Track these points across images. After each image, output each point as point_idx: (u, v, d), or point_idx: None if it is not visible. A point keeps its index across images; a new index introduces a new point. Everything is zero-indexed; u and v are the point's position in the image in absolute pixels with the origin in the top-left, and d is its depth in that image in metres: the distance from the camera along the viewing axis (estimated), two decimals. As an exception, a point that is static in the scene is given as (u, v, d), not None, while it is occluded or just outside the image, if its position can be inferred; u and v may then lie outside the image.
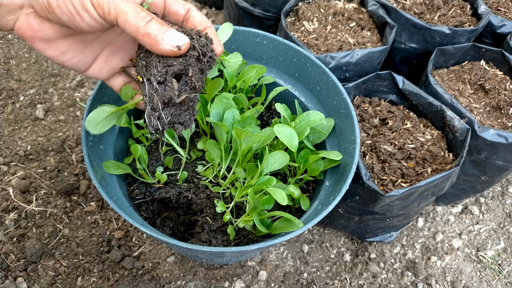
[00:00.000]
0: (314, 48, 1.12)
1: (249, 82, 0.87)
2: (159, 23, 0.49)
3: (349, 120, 0.83)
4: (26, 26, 0.51)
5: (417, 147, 1.00)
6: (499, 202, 1.41)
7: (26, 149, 1.27)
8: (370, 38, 1.17)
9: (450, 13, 1.28)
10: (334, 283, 1.16)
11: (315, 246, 1.22)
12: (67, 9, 0.48)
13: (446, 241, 1.29)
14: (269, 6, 1.33)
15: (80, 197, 1.18)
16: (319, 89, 0.92)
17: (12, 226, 1.10)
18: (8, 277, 1.01)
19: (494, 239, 1.32)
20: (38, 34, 0.52)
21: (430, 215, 1.35)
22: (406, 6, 1.30)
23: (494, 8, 1.38)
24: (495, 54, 1.17)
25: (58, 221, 1.13)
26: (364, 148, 1.02)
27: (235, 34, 0.92)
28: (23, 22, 0.50)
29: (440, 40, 1.18)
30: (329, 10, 1.24)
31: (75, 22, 0.49)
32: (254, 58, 0.96)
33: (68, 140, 1.31)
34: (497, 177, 1.16)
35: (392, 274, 1.20)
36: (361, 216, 1.05)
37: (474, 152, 1.05)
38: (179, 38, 0.50)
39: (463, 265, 1.24)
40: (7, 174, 1.20)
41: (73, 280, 1.04)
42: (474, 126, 0.99)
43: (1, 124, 1.32)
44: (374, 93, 1.12)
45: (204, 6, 1.90)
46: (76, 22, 0.49)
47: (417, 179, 0.95)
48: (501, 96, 1.10)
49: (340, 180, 0.78)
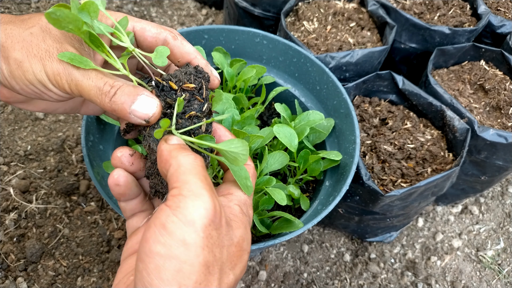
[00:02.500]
0: (314, 48, 1.12)
1: (249, 82, 0.87)
2: (126, 94, 0.43)
3: (349, 120, 0.83)
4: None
5: (417, 147, 1.00)
6: (499, 202, 1.41)
7: (26, 149, 1.27)
8: (370, 38, 1.17)
9: (450, 13, 1.28)
10: (334, 283, 1.16)
11: (315, 246, 1.22)
12: (32, 90, 0.44)
13: (446, 241, 1.29)
14: (269, 6, 1.33)
15: (80, 197, 1.18)
16: (319, 89, 0.92)
17: (12, 226, 1.10)
18: (8, 277, 1.01)
19: (494, 239, 1.32)
20: (12, 100, 0.49)
21: (430, 215, 1.35)
22: (406, 6, 1.30)
23: (494, 8, 1.38)
24: (495, 54, 1.17)
25: (58, 221, 1.13)
26: (364, 148, 1.02)
27: (235, 34, 0.92)
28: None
29: (440, 40, 1.18)
30: (329, 10, 1.24)
31: (44, 98, 0.46)
32: (254, 58, 0.96)
33: (68, 140, 1.31)
34: (497, 177, 1.16)
35: (392, 274, 1.20)
36: (361, 216, 1.05)
37: (474, 152, 1.05)
38: (147, 109, 0.44)
39: (463, 265, 1.24)
40: (7, 174, 1.20)
41: (73, 280, 1.04)
42: (474, 126, 0.99)
43: (1, 124, 1.32)
44: (374, 93, 1.12)
45: (204, 6, 1.90)
46: (45, 98, 0.46)
47: (417, 179, 0.95)
48: (501, 96, 1.10)
49: (340, 180, 0.78)
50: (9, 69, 0.43)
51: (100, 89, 0.43)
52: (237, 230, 0.41)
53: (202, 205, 0.35)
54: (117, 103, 0.43)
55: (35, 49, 0.43)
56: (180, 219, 0.35)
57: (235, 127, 0.74)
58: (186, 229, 0.34)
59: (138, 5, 1.83)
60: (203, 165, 0.40)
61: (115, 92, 0.43)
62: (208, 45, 0.92)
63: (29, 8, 1.65)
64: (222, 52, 0.91)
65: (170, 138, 0.43)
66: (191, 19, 1.83)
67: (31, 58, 0.42)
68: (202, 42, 0.91)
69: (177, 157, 0.39)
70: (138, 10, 1.79)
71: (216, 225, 0.36)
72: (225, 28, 0.90)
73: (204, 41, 0.91)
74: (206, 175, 0.39)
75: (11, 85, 0.44)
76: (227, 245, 0.38)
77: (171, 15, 1.84)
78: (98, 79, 0.43)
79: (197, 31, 0.89)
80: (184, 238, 0.34)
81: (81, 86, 0.43)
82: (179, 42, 0.50)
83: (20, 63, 0.42)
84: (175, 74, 0.47)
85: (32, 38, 0.43)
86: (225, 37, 0.92)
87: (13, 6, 1.63)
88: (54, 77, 0.43)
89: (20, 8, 1.63)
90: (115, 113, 0.44)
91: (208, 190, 0.37)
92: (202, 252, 0.35)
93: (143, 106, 0.44)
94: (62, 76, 0.43)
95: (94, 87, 0.43)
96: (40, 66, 0.42)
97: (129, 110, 0.43)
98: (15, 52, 0.42)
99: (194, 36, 0.89)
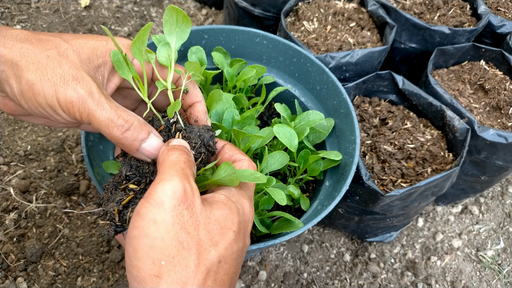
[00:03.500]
0: (314, 48, 1.12)
1: (249, 82, 0.87)
2: (137, 131, 0.45)
3: (349, 120, 0.83)
4: (3, 106, 0.49)
5: (417, 147, 1.00)
6: (499, 202, 1.41)
7: (26, 149, 1.27)
8: (370, 38, 1.17)
9: (450, 13, 1.28)
10: (334, 283, 1.16)
11: (315, 246, 1.22)
12: (40, 112, 0.45)
13: (446, 241, 1.29)
14: (269, 6, 1.33)
15: (80, 197, 1.18)
16: (319, 89, 0.92)
17: (12, 226, 1.10)
18: (8, 277, 1.01)
19: (494, 239, 1.32)
20: (17, 113, 0.50)
21: (430, 215, 1.35)
22: (406, 6, 1.30)
23: (494, 8, 1.38)
24: (495, 54, 1.17)
25: (58, 221, 1.13)
26: (364, 148, 1.02)
27: (235, 34, 0.92)
28: (0, 101, 0.48)
29: (440, 40, 1.18)
30: (329, 10, 1.24)
31: (50, 120, 0.47)
32: (254, 58, 0.96)
33: (68, 140, 1.31)
34: (497, 177, 1.16)
35: (392, 274, 1.20)
36: (361, 216, 1.05)
37: (474, 152, 1.05)
38: (155, 149, 0.47)
39: (463, 265, 1.24)
40: (7, 174, 1.20)
41: (73, 280, 1.04)
42: (474, 126, 0.99)
43: (1, 124, 1.32)
44: (374, 93, 1.12)
45: (204, 6, 1.90)
46: (51, 120, 0.47)
47: (417, 179, 0.95)
48: (501, 96, 1.10)
49: (340, 180, 0.78)
50: (20, 88, 0.43)
51: (113, 122, 0.44)
52: (217, 211, 0.42)
53: (170, 188, 0.37)
54: (129, 139, 0.45)
55: (50, 74, 0.43)
56: (150, 204, 0.37)
57: (235, 127, 0.74)
58: (156, 210, 0.37)
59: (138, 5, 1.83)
60: (185, 161, 0.42)
61: (128, 128, 0.45)
62: (208, 45, 0.92)
63: (29, 8, 1.65)
64: (222, 52, 0.91)
65: (172, 140, 0.46)
66: (191, 19, 1.83)
67: (45, 82, 0.42)
68: (202, 42, 0.91)
69: (165, 155, 0.43)
70: (138, 10, 1.79)
71: (187, 205, 0.38)
72: (225, 28, 0.90)
73: (204, 41, 0.91)
74: (184, 167, 0.41)
75: (19, 103, 0.45)
76: (203, 223, 0.39)
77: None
78: (112, 112, 0.44)
79: (197, 31, 0.89)
80: (154, 217, 0.36)
81: (93, 115, 0.43)
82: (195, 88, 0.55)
83: (32, 85, 0.42)
84: (190, 131, 0.51)
85: (48, 61, 0.43)
86: (225, 37, 0.92)
87: (13, 6, 1.63)
88: (66, 104, 0.43)
89: (20, 8, 1.63)
90: (122, 146, 0.46)
91: (179, 176, 0.39)
92: (172, 228, 0.36)
93: (152, 146, 0.47)
94: (74, 104, 0.43)
95: (106, 118, 0.44)
96: (52, 91, 0.42)
97: (138, 147, 0.46)
98: (29, 73, 0.42)
99: (194, 36, 0.89)
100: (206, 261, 0.38)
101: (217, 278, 0.39)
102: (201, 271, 0.37)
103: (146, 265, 0.35)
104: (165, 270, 0.35)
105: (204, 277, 0.37)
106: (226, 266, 0.40)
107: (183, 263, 0.36)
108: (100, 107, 0.43)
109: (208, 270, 0.38)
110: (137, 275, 0.36)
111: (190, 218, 0.38)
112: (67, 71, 0.43)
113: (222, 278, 0.40)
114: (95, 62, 0.47)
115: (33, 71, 0.42)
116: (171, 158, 0.42)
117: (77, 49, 0.46)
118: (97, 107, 0.43)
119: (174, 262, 0.36)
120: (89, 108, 0.43)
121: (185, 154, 0.44)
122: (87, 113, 0.43)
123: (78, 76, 0.43)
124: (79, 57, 0.45)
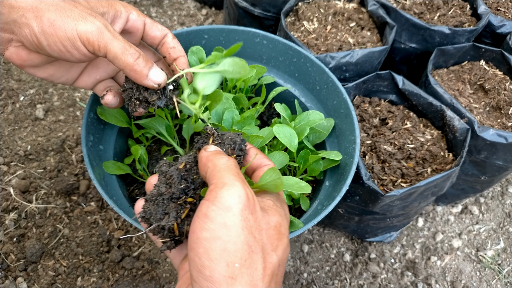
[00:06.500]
0: (314, 48, 1.12)
1: (249, 82, 0.87)
2: (145, 60, 0.54)
3: (349, 120, 0.83)
4: (15, 56, 0.54)
5: (417, 147, 1.00)
6: (499, 202, 1.41)
7: (26, 149, 1.27)
8: (370, 38, 1.17)
9: (450, 13, 1.28)
10: (334, 283, 1.16)
11: (315, 246, 1.22)
12: (57, 47, 0.50)
13: (446, 241, 1.29)
14: (269, 6, 1.33)
15: (80, 197, 1.18)
16: (319, 89, 0.92)
17: (12, 226, 1.10)
18: (8, 277, 1.01)
19: (494, 239, 1.32)
20: (27, 63, 0.55)
21: (430, 215, 1.35)
22: (406, 6, 1.30)
23: (493, 8, 1.38)
24: (495, 54, 1.17)
25: (58, 221, 1.13)
26: (364, 148, 1.02)
27: (235, 34, 0.92)
28: (13, 53, 0.53)
29: (440, 40, 1.18)
30: (329, 10, 1.24)
31: (64, 57, 0.52)
32: (254, 58, 0.96)
33: (68, 140, 1.31)
34: (496, 177, 1.16)
35: (392, 274, 1.20)
36: (361, 216, 1.05)
37: (474, 152, 1.05)
38: (160, 76, 0.56)
39: (463, 265, 1.24)
40: (7, 174, 1.20)
41: (73, 280, 1.04)
42: (474, 126, 0.99)
43: (1, 124, 1.32)
44: (374, 93, 1.12)
45: (204, 6, 1.90)
46: (66, 57, 0.52)
47: (417, 179, 0.95)
48: (501, 96, 1.10)
49: (340, 180, 0.78)
50: (41, 26, 0.48)
51: (128, 50, 0.51)
52: (273, 217, 0.44)
53: (235, 193, 0.39)
54: (140, 65, 0.53)
55: (69, 12, 0.49)
56: (219, 207, 0.38)
57: (235, 127, 0.74)
58: (225, 214, 0.38)
59: (138, 5, 1.83)
60: (236, 165, 0.45)
61: (139, 56, 0.53)
62: (208, 45, 0.92)
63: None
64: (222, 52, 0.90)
65: (208, 147, 0.49)
66: (191, 19, 1.83)
67: (65, 18, 0.49)
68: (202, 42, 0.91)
69: (213, 160, 0.44)
70: (138, 10, 1.79)
71: (251, 209, 0.40)
72: (225, 28, 0.90)
73: (204, 41, 0.91)
74: (238, 171, 0.43)
75: (39, 42, 0.50)
76: (265, 228, 0.42)
77: (171, 15, 1.84)
78: (126, 42, 0.52)
79: (197, 31, 0.89)
80: (225, 221, 0.38)
81: (110, 44, 0.50)
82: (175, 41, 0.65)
83: (54, 21, 0.48)
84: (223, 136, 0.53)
85: (65, 4, 0.50)
86: (225, 37, 0.92)
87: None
88: (85, 35, 0.49)
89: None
90: (134, 73, 0.53)
91: (240, 181, 0.41)
92: (242, 233, 0.38)
93: (157, 75, 0.55)
94: (94, 34, 0.49)
95: (122, 47, 0.51)
96: (73, 25, 0.49)
97: (148, 73, 0.54)
98: (50, 12, 0.49)
99: (194, 36, 0.89)
100: (270, 265, 0.40)
101: (277, 280, 0.42)
102: (267, 274, 0.40)
103: (220, 267, 0.37)
104: (238, 273, 0.37)
105: (269, 280, 0.40)
106: (282, 269, 0.43)
107: (253, 266, 0.38)
108: (116, 38, 0.51)
109: (272, 273, 0.41)
110: (210, 276, 0.37)
111: (254, 222, 0.40)
112: (83, 11, 0.50)
113: (279, 280, 0.43)
114: (100, 10, 0.55)
115: (53, 11, 0.49)
116: (222, 162, 0.44)
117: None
118: (113, 38, 0.50)
119: (246, 265, 0.38)
120: (106, 38, 0.50)
121: (231, 159, 0.45)
122: (104, 44, 0.50)
123: (93, 14, 0.51)
124: (89, 4, 0.54)
